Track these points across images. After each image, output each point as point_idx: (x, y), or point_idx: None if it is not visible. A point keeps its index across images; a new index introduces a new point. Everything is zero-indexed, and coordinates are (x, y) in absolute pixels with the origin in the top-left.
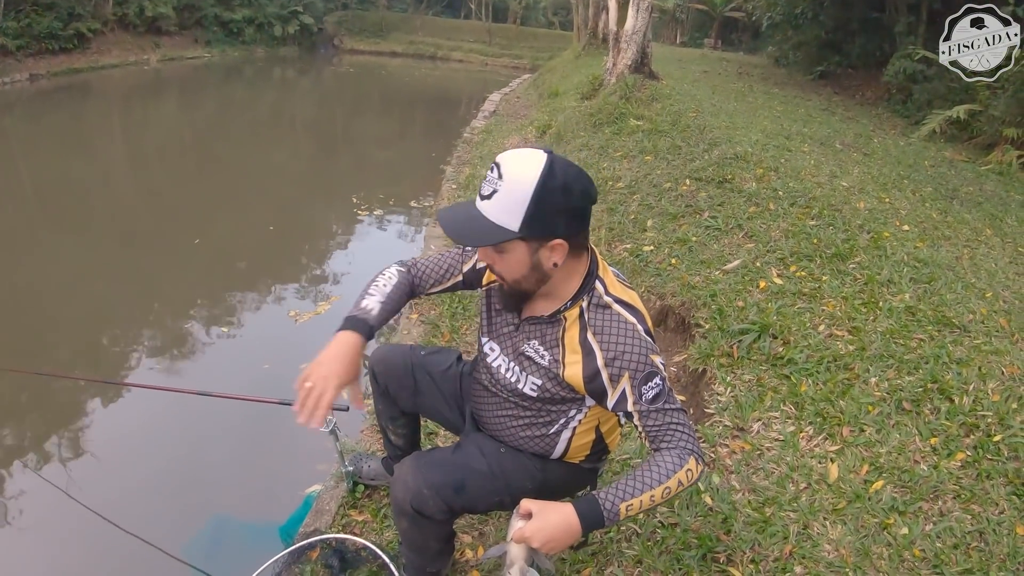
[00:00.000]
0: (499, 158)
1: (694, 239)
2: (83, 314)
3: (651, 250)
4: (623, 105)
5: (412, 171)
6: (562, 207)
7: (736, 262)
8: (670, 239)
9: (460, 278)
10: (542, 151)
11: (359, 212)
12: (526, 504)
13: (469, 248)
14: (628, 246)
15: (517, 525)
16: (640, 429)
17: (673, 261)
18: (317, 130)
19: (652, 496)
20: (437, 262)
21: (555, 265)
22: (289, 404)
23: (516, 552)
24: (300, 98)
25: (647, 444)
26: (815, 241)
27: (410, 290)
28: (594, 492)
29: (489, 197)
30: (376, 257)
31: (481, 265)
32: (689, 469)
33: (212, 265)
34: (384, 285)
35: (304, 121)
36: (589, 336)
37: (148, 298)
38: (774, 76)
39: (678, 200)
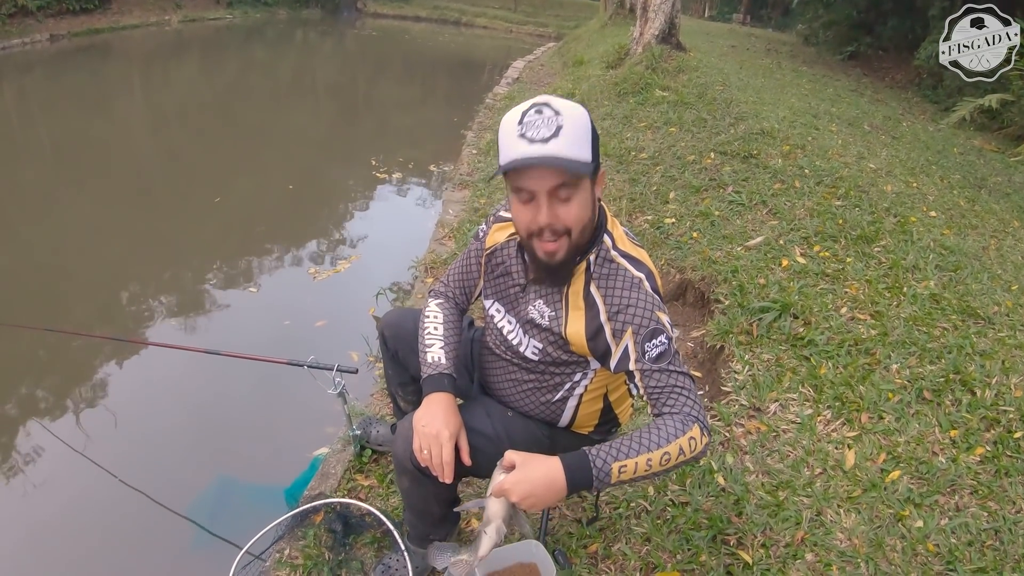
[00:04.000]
0: (545, 98)
1: (717, 213)
2: (101, 271)
3: (672, 223)
4: (649, 75)
5: (432, 136)
6: (597, 138)
7: (759, 239)
8: (692, 212)
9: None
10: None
11: (378, 175)
12: (510, 455)
13: (482, 231)
14: (649, 217)
15: (499, 478)
16: (641, 391)
17: (695, 235)
18: (338, 93)
19: (649, 460)
20: (463, 270)
21: (599, 200)
22: (299, 364)
23: (495, 508)
24: (322, 61)
25: (649, 408)
26: (840, 222)
27: (459, 313)
28: (585, 448)
29: (556, 135)
30: (395, 219)
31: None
32: (692, 437)
33: (231, 223)
34: (436, 328)
35: (325, 84)
36: (592, 288)
37: (167, 255)
38: (803, 54)
39: (702, 173)
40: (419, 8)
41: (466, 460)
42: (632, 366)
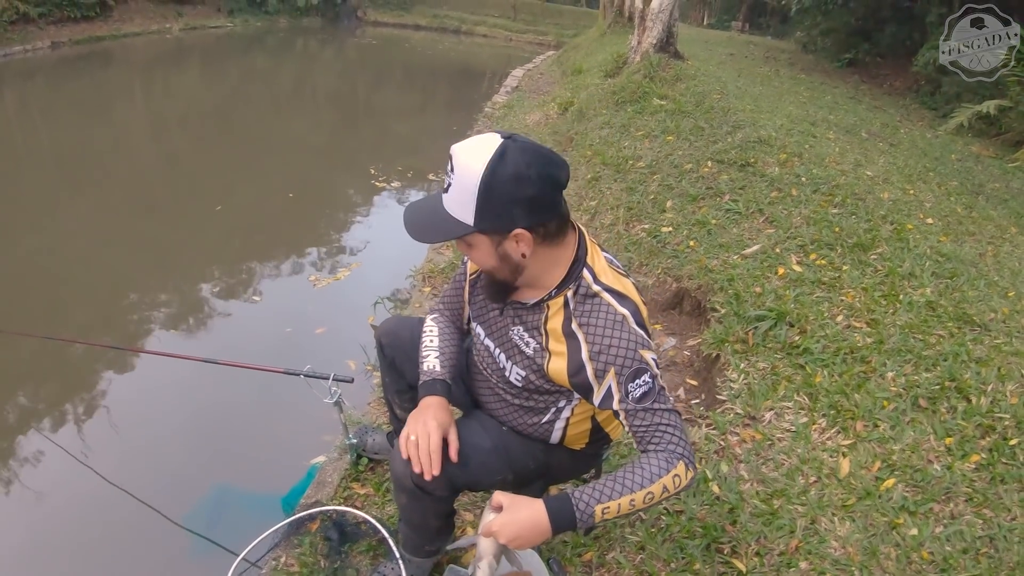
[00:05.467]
0: (453, 149)
1: (713, 222)
2: (101, 279)
3: (669, 231)
4: (647, 84)
5: (431, 144)
6: (516, 197)
7: (755, 247)
8: (689, 221)
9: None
10: (499, 136)
11: (377, 183)
12: (498, 497)
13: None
14: (646, 226)
15: (488, 518)
16: (627, 429)
17: (691, 243)
18: (337, 101)
19: (633, 500)
20: (453, 294)
21: (524, 256)
22: (295, 374)
23: (485, 546)
24: (321, 69)
25: (635, 445)
26: (837, 229)
27: (455, 328)
28: (568, 490)
29: (447, 190)
30: (394, 228)
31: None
32: (676, 475)
33: (233, 231)
34: (432, 341)
35: (325, 92)
36: (574, 326)
37: (168, 263)
38: (801, 62)
39: (699, 182)
40: (419, 17)
41: (454, 457)
42: (616, 406)
